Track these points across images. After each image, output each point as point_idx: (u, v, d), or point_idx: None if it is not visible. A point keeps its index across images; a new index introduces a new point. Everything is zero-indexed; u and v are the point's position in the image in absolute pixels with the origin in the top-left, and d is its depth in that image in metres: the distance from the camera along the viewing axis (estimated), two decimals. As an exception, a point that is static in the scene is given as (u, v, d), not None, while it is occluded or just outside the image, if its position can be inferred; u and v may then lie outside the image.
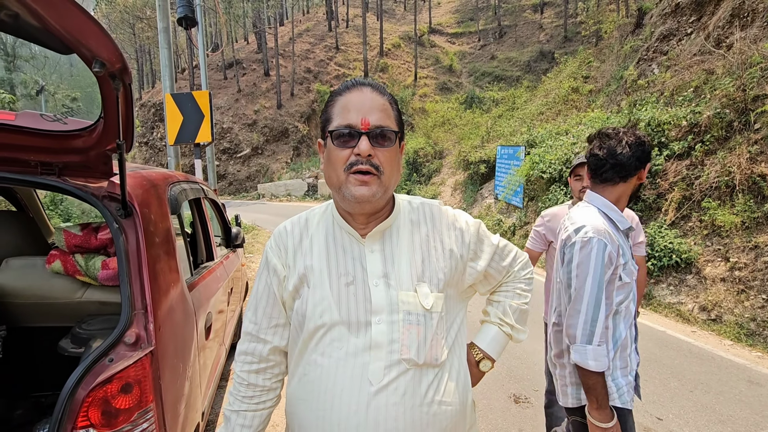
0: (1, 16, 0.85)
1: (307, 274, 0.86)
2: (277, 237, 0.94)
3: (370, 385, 0.79)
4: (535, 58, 24.84)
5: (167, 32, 5.41)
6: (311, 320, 0.83)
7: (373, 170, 0.79)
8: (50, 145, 1.34)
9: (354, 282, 0.84)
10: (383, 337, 0.80)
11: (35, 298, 1.52)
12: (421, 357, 0.80)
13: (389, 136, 0.81)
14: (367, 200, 0.79)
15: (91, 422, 1.10)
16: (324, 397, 0.81)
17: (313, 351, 0.84)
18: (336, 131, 0.80)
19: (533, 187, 9.26)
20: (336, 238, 0.88)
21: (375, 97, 0.82)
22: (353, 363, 0.80)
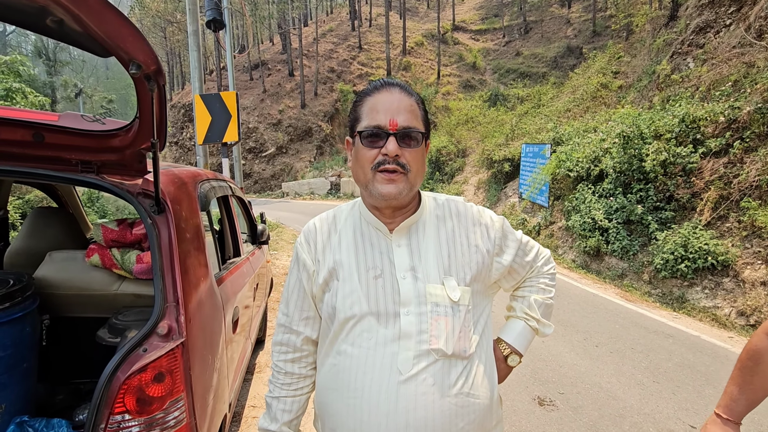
0: (47, 22, 0.90)
1: (337, 268, 0.89)
2: (307, 234, 0.97)
3: (400, 374, 0.80)
4: (562, 54, 24.20)
5: (196, 35, 5.58)
6: (341, 311, 0.86)
7: (400, 169, 0.82)
8: (90, 145, 1.41)
9: (382, 275, 0.86)
10: (412, 327, 0.82)
11: (75, 289, 1.61)
12: (449, 347, 0.82)
13: (416, 137, 0.83)
14: (393, 197, 0.82)
15: (127, 408, 1.15)
16: (354, 386, 0.83)
17: (343, 341, 0.87)
18: (365, 131, 0.83)
19: (559, 186, 9.04)
20: (364, 233, 0.91)
21: (403, 97, 0.84)
22: (383, 353, 0.82)
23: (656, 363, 3.45)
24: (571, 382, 3.13)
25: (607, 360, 3.49)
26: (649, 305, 5.17)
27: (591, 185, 7.59)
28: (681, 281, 5.33)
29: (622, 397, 2.93)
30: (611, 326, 4.29)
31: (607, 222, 6.70)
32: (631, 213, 6.40)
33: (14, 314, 1.35)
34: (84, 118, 1.42)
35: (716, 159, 5.89)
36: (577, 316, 4.54)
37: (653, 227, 6.05)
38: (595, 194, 7.35)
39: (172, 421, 1.23)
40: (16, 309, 1.36)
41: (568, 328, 4.20)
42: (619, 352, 3.66)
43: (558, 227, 8.78)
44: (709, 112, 6.08)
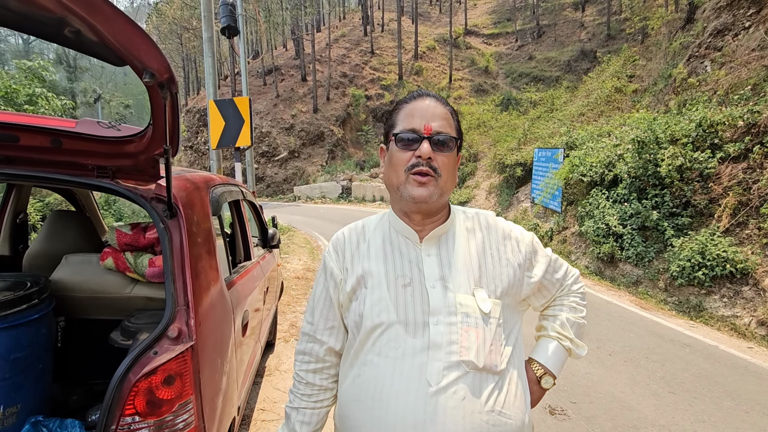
0: (65, 33, 0.93)
1: (365, 276, 0.89)
2: (335, 243, 0.98)
3: (429, 386, 0.78)
4: (576, 58, 23.98)
5: (211, 42, 5.68)
6: (368, 319, 0.85)
7: (432, 172, 0.83)
8: (105, 150, 1.44)
9: (411, 284, 0.86)
10: (442, 338, 0.81)
11: (90, 292, 1.64)
12: (480, 360, 0.80)
13: (449, 143, 0.86)
14: (424, 200, 0.83)
15: (137, 410, 1.17)
16: (380, 396, 0.81)
17: (369, 351, 0.85)
18: (400, 134, 0.86)
19: (572, 191, 8.93)
20: (393, 241, 0.91)
21: (438, 106, 0.88)
22: (410, 363, 0.80)
23: (672, 373, 3.37)
24: (584, 391, 3.07)
25: (621, 369, 3.42)
26: (664, 313, 5.06)
27: (605, 190, 7.48)
28: (698, 289, 5.20)
29: (636, 407, 2.86)
30: (625, 334, 4.20)
31: (622, 228, 6.58)
32: (646, 219, 6.28)
33: (31, 316, 1.38)
34: (100, 124, 1.46)
35: (735, 164, 5.75)
36: (590, 324, 4.46)
37: (669, 233, 5.92)
38: (609, 199, 7.23)
39: (181, 424, 1.25)
40: (32, 311, 1.39)
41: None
42: (634, 361, 3.58)
43: (571, 233, 8.66)
44: (728, 116, 5.95)
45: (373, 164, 23.18)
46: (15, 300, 1.34)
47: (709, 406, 2.89)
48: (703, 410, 2.83)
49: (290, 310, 4.94)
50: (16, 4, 0.85)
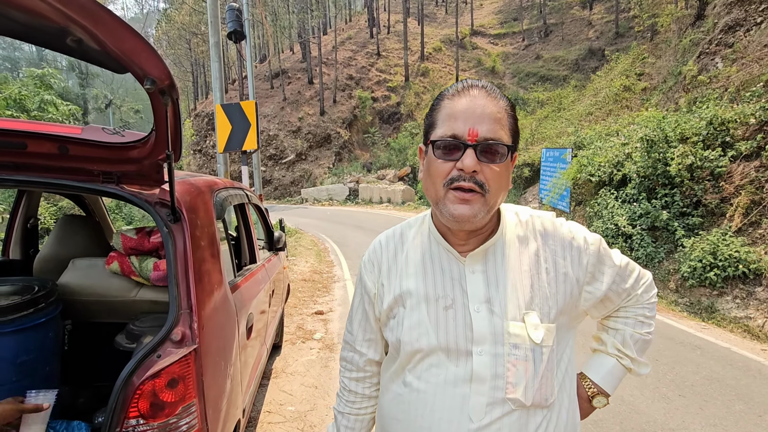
0: (67, 42, 0.95)
1: (403, 296, 0.81)
2: (371, 253, 0.90)
3: (470, 422, 0.72)
4: (584, 56, 23.79)
5: (218, 47, 5.74)
6: (407, 344, 0.78)
7: (477, 188, 0.69)
8: (110, 156, 1.46)
9: (453, 306, 0.76)
10: (486, 370, 0.72)
11: (96, 296, 1.66)
12: (528, 398, 0.72)
13: (500, 151, 0.70)
14: (466, 220, 0.71)
15: (141, 413, 1.18)
16: (420, 423, 0.77)
17: (410, 372, 0.80)
18: (439, 141, 0.71)
19: (581, 191, 8.85)
20: (433, 255, 0.81)
21: (488, 103, 0.71)
22: (452, 393, 0.74)
23: (683, 376, 3.31)
24: (592, 394, 3.03)
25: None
26: (675, 315, 4.98)
27: (614, 190, 7.40)
28: (710, 290, 5.11)
29: (645, 411, 2.82)
30: (635, 336, 4.14)
31: (631, 228, 6.50)
32: (656, 219, 6.19)
33: (38, 319, 1.41)
34: (105, 130, 1.48)
35: (747, 162, 5.65)
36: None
37: (680, 234, 5.83)
38: (618, 199, 7.15)
39: (185, 427, 1.26)
40: (39, 314, 1.42)
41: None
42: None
43: (580, 233, 8.58)
44: (739, 113, 5.85)
45: (380, 166, 23.22)
46: (22, 304, 1.37)
47: (720, 409, 2.84)
48: (714, 414, 2.78)
49: (297, 312, 4.96)
50: (20, 15, 0.86)
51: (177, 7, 35.50)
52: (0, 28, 0.95)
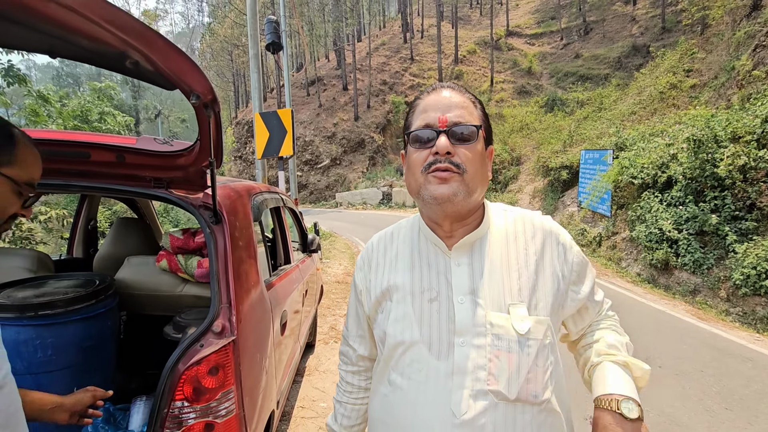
0: (126, 64, 1.08)
1: (390, 289, 0.83)
2: (364, 252, 0.94)
3: (454, 417, 0.70)
4: (627, 54, 22.77)
5: (257, 58, 6.02)
6: (391, 336, 0.79)
7: (454, 168, 0.72)
8: (160, 164, 1.62)
9: (438, 298, 0.77)
10: (468, 362, 0.71)
11: (147, 290, 1.83)
12: (512, 391, 0.69)
13: (470, 132, 0.74)
14: (447, 199, 0.72)
15: (185, 396, 1.30)
16: (403, 423, 0.76)
17: (393, 369, 0.80)
18: (413, 133, 0.76)
19: (623, 194, 8.49)
20: (421, 251, 0.83)
21: (454, 95, 0.77)
22: (434, 388, 0.73)
23: (730, 388, 3.12)
24: (629, 403, 2.92)
25: (671, 383, 3.22)
26: (725, 325, 4.68)
27: (658, 193, 7.05)
28: (766, 299, 4.76)
29: (687, 423, 2.69)
30: (678, 346, 3.94)
31: (677, 233, 6.17)
32: (704, 223, 5.85)
33: (99, 310, 1.58)
34: (156, 140, 1.64)
35: (809, 162, 5.23)
36: (638, 334, 4.23)
37: (731, 239, 5.48)
38: (663, 203, 6.81)
39: (223, 411, 1.37)
40: (100, 305, 1.59)
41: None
42: (686, 374, 3.36)
43: (621, 238, 8.22)
44: (799, 110, 5.44)
45: (413, 170, 23.19)
46: (86, 296, 1.54)
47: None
48: (765, 430, 2.61)
49: (330, 313, 5.09)
50: (87, 43, 1.00)
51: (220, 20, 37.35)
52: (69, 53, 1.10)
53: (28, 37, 0.99)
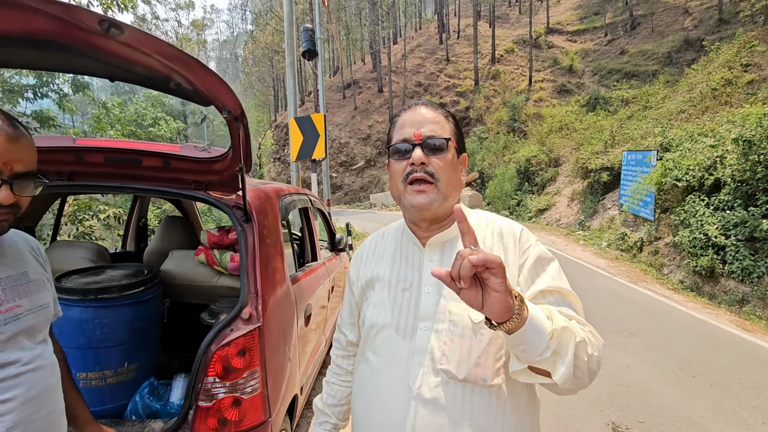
0: (170, 85, 1.27)
1: (373, 280, 0.94)
2: (359, 249, 1.06)
3: (410, 390, 0.80)
4: (678, 48, 21.51)
5: (293, 66, 6.31)
6: (368, 319, 0.91)
7: (428, 177, 0.82)
8: (200, 168, 1.82)
9: (410, 288, 0.88)
10: (426, 343, 0.81)
11: (187, 280, 2.05)
12: (461, 371, 0.77)
13: (441, 145, 0.84)
14: (425, 208, 0.83)
15: (217, 373, 1.48)
16: (371, 395, 0.87)
17: (368, 348, 0.91)
18: (393, 146, 0.88)
19: (667, 197, 8.09)
20: (402, 247, 0.95)
21: (428, 111, 0.88)
22: (398, 365, 0.83)
23: (770, 403, 2.97)
24: (655, 411, 2.86)
25: (704, 393, 3.11)
26: (775, 337, 4.40)
27: (704, 196, 6.69)
28: (822, 311, 4.43)
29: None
30: (716, 356, 3.77)
31: (724, 239, 5.85)
32: (755, 229, 5.51)
33: (147, 296, 1.80)
34: (196, 148, 1.84)
35: None
36: (673, 342, 4.07)
37: (784, 246, 5.13)
38: (710, 206, 6.46)
39: (249, 389, 1.54)
40: (147, 292, 1.81)
41: (660, 354, 3.80)
42: (723, 385, 3.22)
43: (664, 243, 7.85)
44: None
45: (447, 171, 23.07)
46: (136, 283, 1.77)
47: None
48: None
49: (358, 310, 5.25)
50: (140, 69, 1.19)
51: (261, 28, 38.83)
52: (126, 78, 1.31)
53: (95, 66, 1.20)
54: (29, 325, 0.90)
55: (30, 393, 0.86)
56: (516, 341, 0.68)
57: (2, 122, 0.83)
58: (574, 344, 0.69)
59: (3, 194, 0.81)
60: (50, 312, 0.98)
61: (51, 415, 0.91)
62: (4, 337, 0.85)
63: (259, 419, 1.56)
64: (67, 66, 1.30)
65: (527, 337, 0.66)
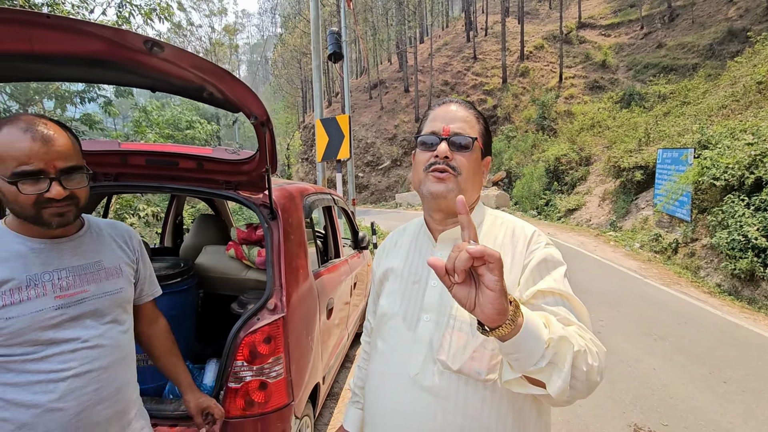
0: (204, 95, 1.40)
1: (388, 272, 1.00)
2: (383, 243, 1.13)
3: (408, 377, 0.85)
4: (721, 40, 20.39)
5: (319, 69, 6.48)
6: (381, 308, 0.98)
7: (450, 170, 0.85)
8: (230, 170, 1.96)
9: (419, 281, 0.92)
10: (427, 334, 0.85)
11: (219, 273, 2.21)
12: (456, 363, 0.80)
13: (467, 143, 0.87)
14: (442, 196, 0.85)
15: (245, 358, 1.61)
16: (377, 379, 0.93)
17: (378, 336, 0.97)
18: (421, 137, 0.91)
19: (704, 197, 7.74)
20: (417, 241, 0.99)
21: (460, 110, 0.91)
22: (401, 352, 0.88)
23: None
24: (680, 415, 2.80)
25: (735, 399, 3.01)
26: (818, 344, 4.17)
27: (744, 196, 6.38)
28: None
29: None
30: (751, 362, 3.62)
31: (765, 240, 5.57)
32: (799, 230, 5.22)
33: (183, 286, 1.97)
34: (227, 150, 1.99)
35: None
36: (704, 346, 3.94)
37: (832, 248, 4.84)
38: (750, 207, 6.16)
39: (274, 374, 1.66)
40: (184, 283, 1.98)
41: (690, 358, 3.69)
42: (756, 392, 3.10)
43: (701, 245, 7.53)
44: None
45: (474, 171, 22.82)
46: (173, 275, 1.93)
47: None
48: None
49: (382, 308, 5.34)
50: (177, 81, 1.33)
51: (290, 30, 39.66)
52: (165, 88, 1.46)
53: (138, 80, 1.35)
54: (94, 308, 1.03)
55: (82, 368, 0.98)
56: (509, 349, 0.64)
57: (34, 127, 0.91)
58: (572, 354, 0.66)
59: (55, 190, 0.92)
60: (121, 296, 1.11)
61: (99, 392, 1.01)
62: (67, 317, 0.98)
63: (283, 402, 1.68)
64: (115, 80, 1.46)
65: (521, 345, 0.63)
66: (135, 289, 1.20)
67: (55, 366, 0.95)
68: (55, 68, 1.25)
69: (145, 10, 6.31)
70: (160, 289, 1.33)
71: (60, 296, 0.98)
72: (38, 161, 0.90)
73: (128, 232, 1.21)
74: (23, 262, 0.96)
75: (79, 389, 0.98)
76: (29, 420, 0.93)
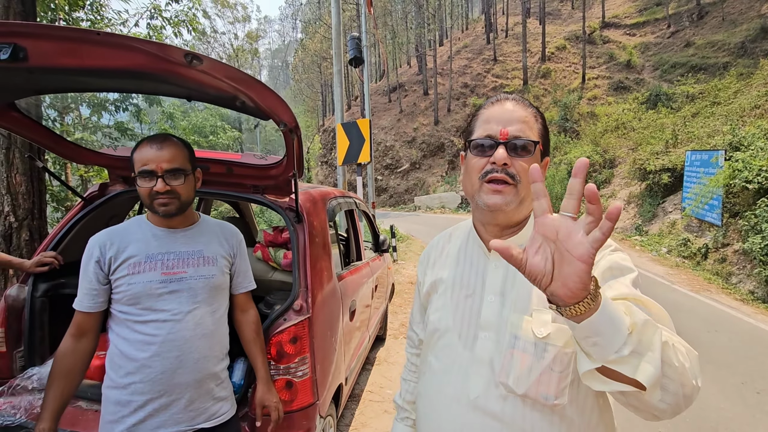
0: (236, 103, 1.47)
1: (437, 282, 0.93)
2: (426, 249, 1.06)
3: (467, 398, 0.79)
4: (753, 37, 19.62)
5: (340, 74, 6.58)
6: (431, 323, 0.90)
7: (509, 179, 0.77)
8: (258, 174, 2.03)
9: (473, 295, 0.85)
10: (486, 354, 0.79)
11: (246, 275, 2.27)
12: (520, 387, 0.73)
13: (528, 147, 0.79)
14: (499, 208, 0.78)
15: (272, 357, 1.67)
16: (431, 398, 0.86)
17: (430, 352, 0.90)
18: (475, 141, 0.82)
19: (736, 200, 7.47)
20: (468, 250, 0.91)
21: (517, 109, 0.82)
22: (457, 372, 0.82)
23: None
24: (711, 425, 2.72)
25: (752, 402, 2.90)
26: None
27: (780, 199, 6.13)
28: None
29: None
30: (788, 373, 3.48)
31: (802, 246, 5.33)
32: (839, 235, 4.98)
33: (212, 287, 2.04)
34: (254, 155, 2.06)
35: None
36: (736, 356, 3.80)
37: None
38: (787, 211, 5.91)
39: (300, 373, 1.70)
40: (213, 284, 2.05)
41: (721, 368, 3.57)
42: (791, 403, 2.98)
43: (733, 250, 7.26)
44: None
45: (494, 173, 22.59)
46: (204, 276, 2.01)
47: None
48: None
49: (402, 311, 5.37)
50: (212, 90, 1.40)
51: (311, 36, 40.26)
52: (200, 98, 1.53)
53: (177, 90, 1.43)
54: (190, 287, 1.28)
55: (169, 336, 1.23)
56: (586, 332, 0.56)
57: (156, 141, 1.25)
58: (660, 342, 0.57)
59: (159, 184, 1.21)
60: (213, 282, 1.33)
61: (179, 359, 1.24)
62: (167, 290, 1.25)
63: (309, 401, 1.72)
64: (153, 90, 1.55)
65: (600, 327, 0.55)
66: (231, 280, 1.45)
67: (151, 330, 1.22)
68: (100, 80, 1.34)
69: (175, 21, 6.56)
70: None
71: (165, 273, 1.25)
72: (151, 164, 1.21)
73: (231, 231, 1.47)
74: (146, 244, 1.27)
75: (165, 353, 1.22)
76: (132, 369, 1.20)
